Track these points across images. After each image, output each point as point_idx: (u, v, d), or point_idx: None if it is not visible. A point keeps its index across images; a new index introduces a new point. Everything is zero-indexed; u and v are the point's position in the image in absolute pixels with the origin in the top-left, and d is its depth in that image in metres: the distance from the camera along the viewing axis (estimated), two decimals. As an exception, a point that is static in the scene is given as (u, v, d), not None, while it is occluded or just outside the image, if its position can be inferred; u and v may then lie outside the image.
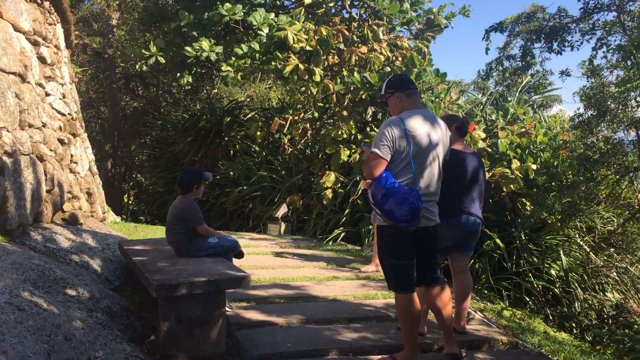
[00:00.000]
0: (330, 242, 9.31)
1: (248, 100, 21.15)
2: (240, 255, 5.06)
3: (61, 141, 6.19)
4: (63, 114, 6.41)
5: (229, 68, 12.89)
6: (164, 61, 13.62)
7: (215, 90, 20.96)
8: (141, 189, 17.34)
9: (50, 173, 5.67)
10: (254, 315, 4.80)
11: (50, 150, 5.84)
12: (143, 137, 17.59)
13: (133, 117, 18.82)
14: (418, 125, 3.71)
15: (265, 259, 7.02)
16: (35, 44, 6.11)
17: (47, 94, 6.16)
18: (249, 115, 15.87)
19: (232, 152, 14.96)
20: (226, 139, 15.11)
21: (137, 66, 13.70)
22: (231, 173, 13.71)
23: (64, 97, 6.58)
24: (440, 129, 3.85)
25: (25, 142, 5.21)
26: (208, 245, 4.70)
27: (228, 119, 15.48)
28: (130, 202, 20.53)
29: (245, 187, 13.06)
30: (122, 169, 18.49)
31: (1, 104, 4.94)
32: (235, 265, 4.40)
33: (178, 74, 14.81)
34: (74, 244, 5.34)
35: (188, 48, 12.76)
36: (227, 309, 4.75)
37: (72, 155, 6.54)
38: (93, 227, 6.89)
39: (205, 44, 12.89)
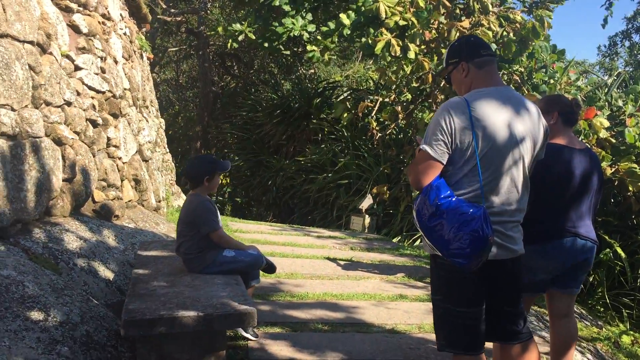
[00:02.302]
0: (408, 245, 8.09)
1: (347, 81, 20.09)
2: (271, 269, 4.02)
3: (93, 122, 5.45)
4: (98, 91, 5.66)
5: (314, 48, 11.86)
6: (254, 37, 12.82)
7: (312, 70, 20.07)
8: (230, 172, 16.83)
9: (70, 159, 4.92)
10: (282, 349, 3.76)
11: (75, 132, 5.09)
12: (234, 118, 17.06)
13: (226, 97, 18.36)
14: (492, 111, 2.47)
15: (323, 266, 5.95)
16: (66, 10, 5.38)
17: (78, 68, 5.42)
18: (341, 97, 14.81)
19: (319, 135, 13.98)
20: (314, 121, 14.15)
21: (232, 46, 13.03)
22: (317, 158, 12.74)
23: (102, 71, 5.84)
24: (529, 116, 2.58)
25: (35, 123, 4.46)
26: (223, 259, 3.70)
27: (318, 100, 14.51)
28: (225, 182, 20.26)
29: (330, 175, 12.06)
30: (212, 151, 18.11)
31: (3, 77, 4.19)
32: (245, 292, 3.36)
33: (274, 46, 13.98)
34: (87, 244, 4.55)
35: (276, 24, 11.86)
36: (250, 337, 3.75)
37: (109, 139, 5.80)
38: (135, 219, 6.16)
39: (295, 22, 11.91)
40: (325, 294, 4.97)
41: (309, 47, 11.90)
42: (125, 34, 7.28)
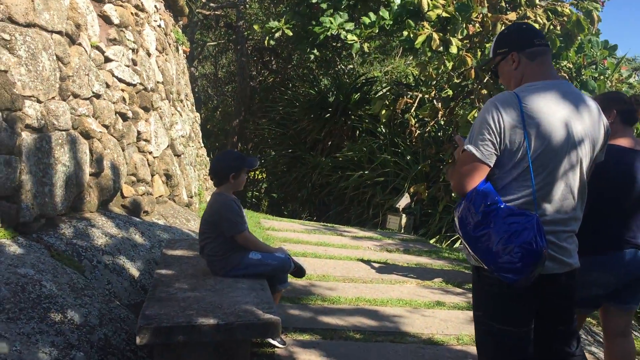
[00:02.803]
0: (446, 248, 7.77)
1: (386, 77, 19.72)
2: (300, 273, 3.79)
3: (123, 115, 5.31)
4: (129, 84, 5.53)
5: (354, 37, 11.58)
6: (291, 34, 12.61)
7: (351, 66, 19.76)
8: (267, 167, 16.72)
9: (98, 152, 4.79)
10: (312, 359, 3.54)
11: (103, 125, 4.96)
12: (271, 113, 16.92)
13: (264, 92, 18.23)
14: (546, 107, 2.18)
15: (356, 268, 5.70)
16: (97, 0, 5.25)
17: (108, 60, 5.29)
18: (380, 93, 14.49)
19: (357, 132, 13.70)
20: (352, 117, 13.87)
21: (269, 42, 12.88)
22: (354, 155, 12.47)
23: (134, 64, 5.70)
24: (588, 113, 2.28)
25: (62, 115, 4.34)
26: (248, 262, 3.49)
27: (356, 95, 14.23)
28: (261, 177, 20.15)
29: (367, 172, 11.78)
30: (249, 146, 18.00)
31: (30, 67, 4.08)
32: (271, 299, 3.14)
33: (307, 49, 13.81)
34: (113, 240, 4.41)
35: (314, 22, 11.63)
36: (277, 344, 3.54)
37: (139, 132, 5.66)
38: (165, 215, 6.02)
39: (333, 20, 11.65)
40: (358, 298, 4.72)
41: (349, 37, 11.62)
42: (159, 26, 7.15)
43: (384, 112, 11.28)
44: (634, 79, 10.43)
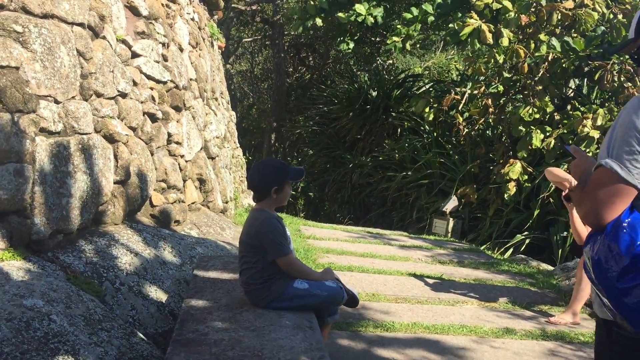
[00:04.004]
0: (507, 258, 7.10)
1: (426, 72, 19.00)
2: (353, 302, 3.23)
3: (151, 116, 4.83)
4: (159, 81, 5.04)
5: (395, 39, 10.93)
6: (321, 23, 12.02)
7: (390, 61, 19.10)
8: (304, 167, 16.20)
9: (124, 158, 4.31)
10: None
11: (130, 127, 4.47)
12: (308, 111, 16.38)
13: (301, 89, 17.71)
14: None
15: (409, 285, 5.10)
16: (123, -11, 4.77)
17: (136, 55, 4.81)
18: (423, 89, 13.82)
19: (399, 130, 13.05)
20: (394, 114, 13.23)
21: (297, 29, 12.34)
22: (396, 154, 11.83)
23: (164, 59, 5.21)
24: None
25: (83, 117, 3.86)
26: (294, 292, 2.93)
27: (398, 92, 13.57)
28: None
29: (410, 173, 11.14)
30: (286, 144, 17.50)
31: (46, 64, 3.61)
32: (321, 342, 2.57)
33: (338, 40, 13.22)
34: (139, 258, 3.92)
35: (341, 14, 11.02)
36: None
37: (170, 134, 5.17)
38: (199, 224, 5.53)
39: (360, 7, 11.01)
40: (415, 324, 4.13)
41: (389, 42, 11.01)
42: (193, 19, 6.66)
43: (427, 110, 10.62)
44: None
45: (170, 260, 4.16)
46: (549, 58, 9.19)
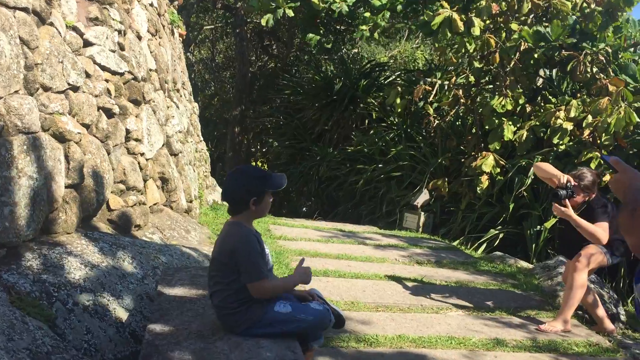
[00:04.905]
0: (485, 256, 6.88)
1: (392, 61, 18.72)
2: (339, 323, 2.90)
3: (107, 111, 4.38)
4: (115, 73, 4.59)
5: (364, 27, 10.62)
6: (293, 14, 11.60)
7: (356, 50, 18.76)
8: (268, 158, 15.79)
9: (77, 159, 3.87)
10: None
11: (83, 124, 4.03)
12: (273, 101, 15.92)
13: (265, 79, 17.23)
14: None
15: (389, 290, 4.80)
16: (73, -30, 4.29)
17: (88, 43, 4.35)
18: (390, 79, 13.53)
19: (367, 121, 12.74)
20: (361, 105, 12.91)
21: (262, 20, 11.88)
22: (365, 147, 11.52)
23: (121, 48, 4.75)
24: None
25: (27, 114, 3.41)
26: (274, 318, 2.58)
27: (365, 82, 13.24)
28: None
29: (380, 165, 10.85)
30: (250, 136, 17.03)
31: (-18, 54, 3.14)
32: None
33: (309, 34, 12.81)
34: (95, 271, 3.50)
35: (315, 0, 10.63)
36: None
37: (128, 131, 4.73)
38: (161, 227, 5.11)
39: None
40: (400, 337, 3.82)
41: (359, 28, 10.70)
42: (151, 4, 6.19)
43: (399, 101, 10.34)
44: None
45: (130, 272, 3.75)
46: (521, 48, 9.00)
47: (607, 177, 6.10)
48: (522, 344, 3.91)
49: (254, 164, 17.88)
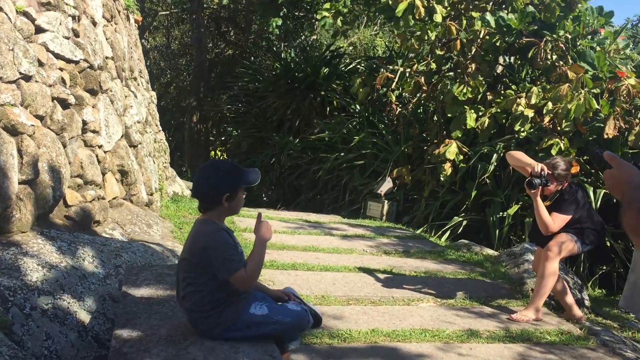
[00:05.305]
0: (451, 244, 6.88)
1: (351, 48, 18.64)
2: (317, 323, 2.79)
3: (62, 101, 4.14)
4: (70, 61, 4.34)
5: (325, 14, 10.49)
6: (254, -1, 11.39)
7: (315, 37, 18.59)
8: (227, 147, 15.52)
9: (31, 153, 3.64)
10: None
11: (36, 116, 3.79)
12: (231, 89, 15.64)
13: (222, 66, 16.91)
14: None
15: (359, 282, 4.72)
16: (22, -49, 4.02)
17: (40, 30, 4.09)
18: (351, 66, 13.44)
19: (328, 109, 12.63)
20: (322, 93, 12.79)
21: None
22: (327, 135, 11.42)
23: (75, 35, 4.50)
24: None
25: (-24, 106, 3.16)
26: (250, 320, 2.46)
27: (326, 69, 13.12)
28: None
29: (342, 154, 10.77)
30: (209, 124, 16.71)
31: None
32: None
33: (271, 19, 12.58)
34: (53, 272, 3.29)
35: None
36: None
37: (85, 122, 4.49)
38: (122, 222, 4.90)
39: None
40: (374, 331, 3.75)
41: (318, 15, 10.57)
42: (107, -11, 5.90)
43: (361, 90, 10.27)
44: (630, 50, 9.67)
45: (91, 272, 3.55)
46: (482, 35, 9.01)
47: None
48: (495, 335, 3.89)
49: (213, 153, 17.58)
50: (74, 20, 4.51)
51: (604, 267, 7.42)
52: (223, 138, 16.75)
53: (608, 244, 7.00)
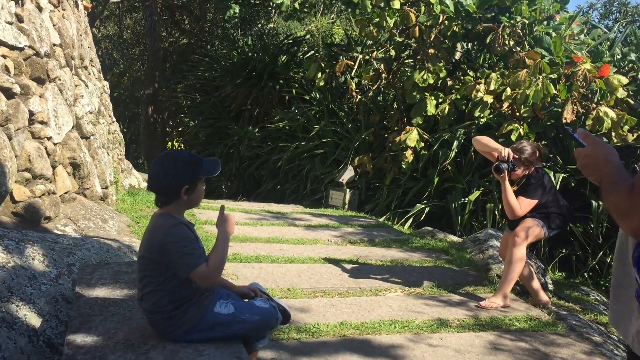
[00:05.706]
0: (415, 232, 6.85)
1: (308, 36, 18.47)
2: (286, 320, 2.66)
3: (6, 91, 3.87)
4: (13, 47, 4.06)
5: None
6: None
7: (271, 25, 18.33)
8: (185, 138, 15.19)
9: (-28, 147, 3.38)
10: None
11: (-23, 107, 3.52)
12: (188, 79, 15.29)
13: (178, 55, 16.51)
14: None
15: (325, 274, 4.61)
16: None
17: (-21, 14, 3.80)
18: (310, 54, 13.28)
19: (287, 98, 12.46)
20: (281, 81, 12.60)
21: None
22: (287, 124, 11.25)
23: (19, 20, 4.22)
24: None
25: None
26: (214, 320, 2.31)
27: (284, 58, 12.93)
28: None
29: (303, 143, 10.63)
30: (165, 115, 16.31)
31: None
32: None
33: (227, 5, 12.29)
34: (1, 273, 3.07)
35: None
36: None
37: (32, 113, 4.23)
38: (75, 218, 4.66)
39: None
40: (342, 324, 3.64)
41: None
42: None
43: (319, 75, 10.14)
44: (584, 36, 9.79)
45: (42, 272, 3.33)
46: (440, 20, 8.98)
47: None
48: (465, 323, 3.84)
49: (170, 144, 17.19)
50: (17, 5, 4.23)
51: (564, 250, 7.51)
52: (180, 129, 16.39)
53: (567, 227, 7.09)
